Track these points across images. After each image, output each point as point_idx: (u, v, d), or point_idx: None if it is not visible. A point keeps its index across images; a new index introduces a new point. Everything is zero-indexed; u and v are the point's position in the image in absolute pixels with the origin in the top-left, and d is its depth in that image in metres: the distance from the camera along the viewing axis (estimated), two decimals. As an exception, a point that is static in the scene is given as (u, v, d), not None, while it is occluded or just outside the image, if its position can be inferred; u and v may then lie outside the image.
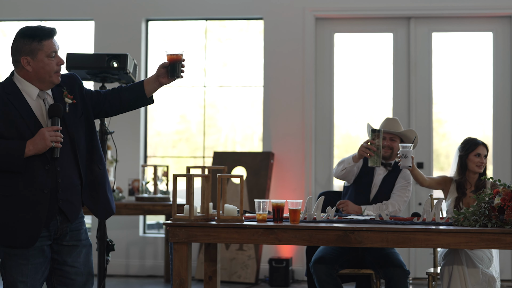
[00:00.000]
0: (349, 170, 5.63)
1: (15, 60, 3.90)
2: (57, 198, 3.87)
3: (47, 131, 3.78)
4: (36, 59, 3.86)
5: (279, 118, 8.40)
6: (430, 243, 4.40)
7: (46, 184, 3.84)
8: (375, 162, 5.29)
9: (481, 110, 8.44)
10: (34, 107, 3.89)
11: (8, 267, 3.84)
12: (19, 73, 3.90)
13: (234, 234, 4.49)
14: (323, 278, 5.23)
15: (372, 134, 5.32)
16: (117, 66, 5.38)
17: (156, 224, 9.14)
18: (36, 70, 3.87)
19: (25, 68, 3.87)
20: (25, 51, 3.85)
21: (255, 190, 8.18)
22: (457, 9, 8.22)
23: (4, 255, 3.85)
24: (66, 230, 3.96)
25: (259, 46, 8.67)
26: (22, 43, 3.86)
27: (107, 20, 8.67)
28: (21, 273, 3.84)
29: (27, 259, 3.84)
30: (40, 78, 3.89)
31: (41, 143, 3.78)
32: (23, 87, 3.89)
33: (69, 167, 3.93)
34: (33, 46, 3.85)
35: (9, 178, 3.81)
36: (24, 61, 3.86)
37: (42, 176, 3.83)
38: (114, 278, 8.36)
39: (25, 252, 3.83)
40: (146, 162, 8.73)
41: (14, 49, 3.89)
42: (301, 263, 8.24)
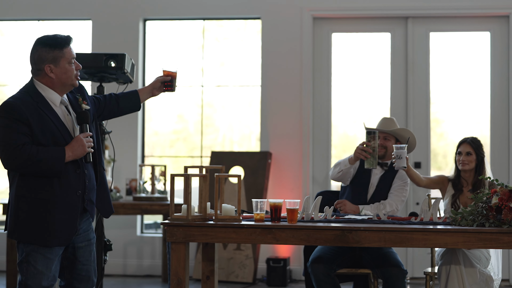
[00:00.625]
0: (346, 172, 5.63)
1: (37, 69, 4.13)
2: (84, 199, 4.21)
3: (84, 137, 4.12)
4: (59, 66, 4.12)
5: (277, 117, 8.39)
6: (427, 243, 4.41)
7: (79, 187, 4.16)
8: (371, 164, 5.29)
9: (478, 109, 8.45)
10: (59, 114, 4.16)
11: (34, 260, 4.08)
12: (42, 80, 4.14)
13: (232, 234, 4.50)
14: (321, 277, 5.23)
15: (367, 136, 5.31)
16: (115, 65, 5.37)
17: (153, 223, 9.14)
18: (59, 77, 4.12)
19: (48, 75, 4.11)
20: (48, 59, 4.10)
21: (253, 190, 8.18)
22: (455, 8, 8.23)
23: (31, 249, 4.08)
24: (81, 230, 4.28)
25: (257, 46, 8.67)
26: (44, 52, 4.12)
27: (104, 20, 8.67)
28: (46, 266, 4.10)
29: (53, 255, 4.12)
30: (63, 83, 4.15)
31: (79, 149, 4.10)
32: (46, 94, 4.13)
33: (90, 169, 4.26)
34: (55, 54, 4.12)
35: (47, 182, 4.07)
36: (48, 69, 4.10)
37: (75, 179, 4.14)
38: (112, 278, 8.36)
39: (53, 249, 4.11)
40: (144, 162, 8.73)
41: (37, 58, 4.13)
42: (299, 262, 8.24)
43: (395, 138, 5.74)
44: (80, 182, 4.16)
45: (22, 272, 4.11)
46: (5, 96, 9.23)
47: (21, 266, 4.12)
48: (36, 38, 4.23)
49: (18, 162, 4.01)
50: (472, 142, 5.53)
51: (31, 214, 4.08)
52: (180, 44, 8.83)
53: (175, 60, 8.82)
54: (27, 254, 4.10)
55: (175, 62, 8.77)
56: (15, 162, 4.02)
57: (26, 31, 8.90)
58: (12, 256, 7.34)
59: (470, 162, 5.50)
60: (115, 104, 4.57)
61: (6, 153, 4.02)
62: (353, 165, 5.58)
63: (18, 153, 3.98)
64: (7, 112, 4.03)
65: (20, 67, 9.01)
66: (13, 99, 4.08)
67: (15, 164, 4.04)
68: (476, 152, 5.51)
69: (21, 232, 4.09)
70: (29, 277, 4.09)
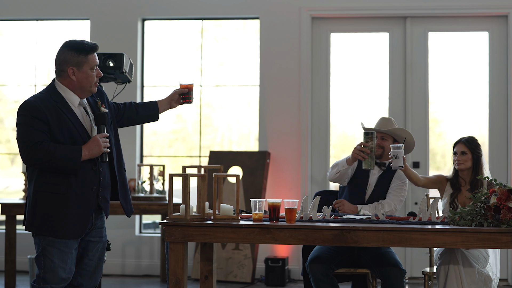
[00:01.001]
0: (343, 173, 5.63)
1: (60, 70, 4.35)
2: (98, 196, 4.40)
3: (100, 137, 4.32)
4: (81, 70, 4.33)
5: (275, 117, 8.39)
6: (426, 243, 4.41)
7: (94, 183, 4.36)
8: (369, 165, 5.26)
9: (477, 109, 8.45)
10: (78, 114, 4.37)
11: (50, 254, 4.27)
12: (63, 82, 4.36)
13: (230, 234, 4.50)
14: (319, 277, 5.23)
15: (365, 137, 5.29)
16: (113, 65, 5.37)
17: (152, 223, 9.14)
18: (80, 80, 4.33)
19: (70, 77, 4.33)
20: (72, 63, 4.31)
21: (251, 190, 8.18)
22: (453, 8, 8.23)
23: (47, 243, 4.27)
24: (95, 226, 4.46)
25: (255, 46, 8.66)
26: (70, 55, 4.32)
27: (103, 20, 8.67)
28: (62, 259, 4.29)
29: (68, 248, 4.30)
30: (82, 87, 4.36)
31: (96, 149, 4.31)
32: (66, 95, 4.35)
33: (106, 168, 4.45)
34: (80, 58, 4.32)
35: (64, 178, 4.27)
36: (70, 71, 4.32)
37: (91, 176, 4.34)
38: (110, 277, 8.35)
39: (68, 242, 4.30)
40: (142, 162, 8.72)
41: (62, 60, 4.34)
42: (297, 262, 8.24)
43: (393, 138, 5.73)
44: (95, 179, 4.36)
45: (39, 266, 4.30)
46: (3, 96, 9.24)
47: (38, 260, 4.31)
48: (65, 41, 4.41)
49: (36, 158, 4.20)
50: (467, 142, 5.52)
51: (48, 207, 4.27)
52: (178, 44, 8.83)
53: (174, 59, 8.81)
54: (43, 248, 4.28)
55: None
56: (34, 158, 4.21)
57: (24, 31, 8.90)
58: (11, 256, 7.35)
59: (466, 162, 5.50)
60: (134, 112, 4.81)
61: (25, 149, 4.22)
62: (351, 166, 5.58)
63: (37, 149, 4.18)
64: (27, 111, 4.24)
65: (18, 67, 9.00)
66: (33, 98, 4.30)
67: (33, 160, 4.23)
68: (472, 151, 5.50)
69: (38, 225, 4.28)
70: (47, 270, 4.28)
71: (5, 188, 10.14)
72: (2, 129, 9.22)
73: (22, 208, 7.29)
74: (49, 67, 9.00)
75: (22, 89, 9.06)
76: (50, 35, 8.91)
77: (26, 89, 8.99)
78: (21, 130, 4.25)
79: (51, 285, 4.29)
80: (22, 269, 8.42)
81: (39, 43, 8.90)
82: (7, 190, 10.18)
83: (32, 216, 4.30)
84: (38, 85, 8.90)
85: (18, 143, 4.28)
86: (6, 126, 9.23)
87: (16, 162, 9.40)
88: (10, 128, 9.18)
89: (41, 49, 8.91)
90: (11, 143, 9.10)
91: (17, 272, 8.20)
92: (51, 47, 8.90)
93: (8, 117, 9.22)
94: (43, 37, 8.90)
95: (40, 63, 8.94)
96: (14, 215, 7.35)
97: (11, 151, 9.19)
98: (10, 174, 9.57)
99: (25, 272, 8.38)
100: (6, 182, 10.01)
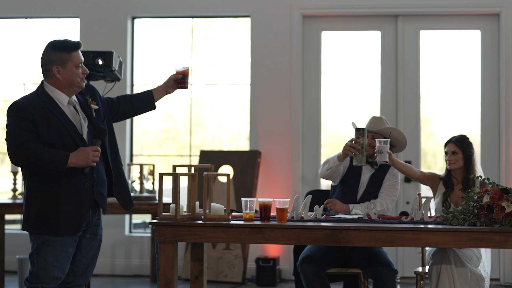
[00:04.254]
0: (335, 169, 5.60)
1: (46, 69, 4.40)
2: (93, 192, 4.40)
3: (92, 151, 4.31)
4: (66, 68, 4.36)
5: (266, 116, 8.36)
6: (418, 242, 4.38)
7: (86, 179, 4.36)
8: (360, 161, 5.28)
9: (468, 108, 8.43)
10: (68, 113, 4.39)
11: (44, 252, 4.29)
12: (50, 82, 4.40)
13: (221, 234, 4.46)
14: (311, 277, 5.21)
15: (356, 133, 5.31)
16: (102, 63, 5.34)
17: (142, 223, 9.09)
18: (66, 78, 4.36)
19: (55, 76, 4.36)
20: (56, 61, 4.35)
21: (242, 189, 8.14)
22: (445, 7, 8.21)
23: (41, 241, 4.30)
24: (92, 223, 4.48)
25: (246, 45, 8.63)
26: (53, 54, 4.36)
27: (92, 18, 8.61)
28: (56, 258, 4.31)
29: (62, 247, 4.32)
30: (70, 84, 4.38)
31: (83, 160, 4.29)
32: (54, 95, 4.38)
33: (100, 164, 4.47)
34: (63, 56, 4.35)
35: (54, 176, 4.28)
36: (55, 70, 4.35)
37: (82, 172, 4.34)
38: (100, 277, 8.31)
39: (62, 240, 4.31)
40: (132, 161, 8.67)
41: (46, 59, 4.39)
42: (288, 262, 8.20)
43: (384, 137, 5.71)
44: (87, 175, 4.36)
45: (32, 263, 4.32)
46: (-8, 95, 9.18)
47: (32, 257, 4.33)
48: (48, 42, 4.45)
49: (22, 158, 4.24)
50: (457, 141, 5.51)
51: (40, 206, 4.30)
52: (169, 43, 8.78)
53: (164, 58, 8.77)
54: (38, 246, 4.31)
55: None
56: (20, 158, 4.24)
57: (13, 29, 8.83)
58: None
59: (457, 161, 5.49)
60: (129, 104, 4.81)
61: (11, 148, 4.26)
62: (342, 162, 5.56)
63: (23, 149, 4.22)
64: (14, 111, 4.29)
65: (8, 65, 8.94)
66: (20, 99, 4.35)
67: (20, 160, 4.26)
68: (463, 151, 5.49)
69: (32, 224, 4.30)
70: (39, 268, 4.30)
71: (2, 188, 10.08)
72: (-9, 128, 9.16)
73: (10, 207, 7.26)
74: (38, 65, 8.92)
75: (11, 88, 8.99)
76: (39, 34, 8.85)
77: (16, 88, 8.93)
78: (9, 130, 4.29)
79: (42, 285, 4.30)
80: (11, 269, 8.37)
81: (28, 41, 8.84)
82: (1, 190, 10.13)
83: (27, 215, 4.33)
84: (27, 84, 8.84)
85: (6, 143, 4.31)
86: (-5, 125, 9.17)
87: (5, 162, 9.34)
88: (0, 127, 9.11)
89: (30, 48, 8.85)
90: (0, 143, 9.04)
91: (6, 272, 8.16)
92: (40, 46, 8.83)
93: (-3, 116, 9.16)
94: (32, 35, 8.83)
95: (29, 61, 8.88)
96: (2, 214, 7.30)
97: (0, 151, 9.12)
98: (-2, 174, 9.53)
99: (13, 272, 8.32)
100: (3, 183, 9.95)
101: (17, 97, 8.77)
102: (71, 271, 4.47)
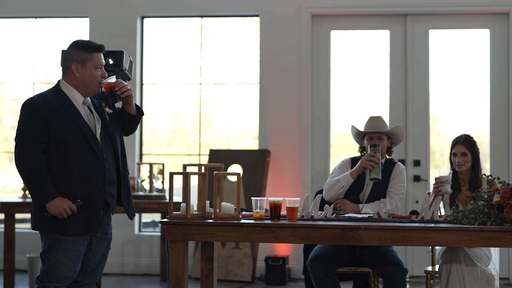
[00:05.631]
0: (346, 187, 5.63)
1: (66, 67, 4.44)
2: (105, 192, 4.42)
3: (67, 205, 4.25)
4: (85, 68, 4.40)
5: (275, 115, 8.36)
6: (429, 241, 4.38)
7: (99, 179, 4.38)
8: (377, 173, 5.49)
9: (476, 107, 8.42)
10: (82, 113, 4.42)
11: (55, 251, 4.31)
12: (67, 80, 4.43)
13: (231, 233, 4.46)
14: (320, 276, 5.20)
15: (372, 149, 5.52)
16: (113, 63, 5.34)
17: (151, 222, 9.10)
18: (83, 77, 4.40)
19: (74, 74, 4.40)
20: (76, 59, 4.40)
21: (251, 188, 8.15)
22: (454, 6, 8.19)
23: (53, 240, 4.31)
24: (103, 222, 4.49)
25: (254, 44, 8.63)
26: (74, 52, 4.41)
27: (102, 18, 8.63)
28: (67, 257, 4.32)
29: (74, 246, 4.34)
30: (86, 85, 4.42)
31: (55, 209, 4.24)
32: (70, 93, 4.41)
33: (111, 165, 4.48)
34: (84, 56, 4.40)
35: (68, 175, 4.31)
36: (74, 68, 4.40)
37: (95, 172, 4.36)
38: (110, 276, 8.32)
39: (74, 240, 4.32)
40: (142, 160, 8.69)
41: (67, 57, 4.43)
42: (298, 261, 8.21)
43: (387, 136, 5.74)
44: (100, 174, 4.38)
45: (44, 262, 4.33)
46: (1, 95, 9.20)
47: (43, 256, 4.34)
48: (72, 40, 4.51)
49: (20, 161, 4.29)
50: (466, 142, 5.48)
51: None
52: (178, 42, 8.79)
53: (173, 58, 8.78)
54: (49, 245, 4.32)
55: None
56: (19, 160, 4.29)
57: (23, 29, 8.85)
58: (9, 255, 7.31)
59: (466, 163, 5.47)
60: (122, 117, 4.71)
61: (17, 148, 4.30)
62: (354, 179, 5.60)
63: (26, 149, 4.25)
64: (27, 108, 4.31)
65: (17, 65, 8.96)
66: (35, 96, 4.37)
67: (17, 162, 4.30)
68: (471, 151, 5.47)
69: (44, 224, 4.32)
70: (51, 267, 4.31)
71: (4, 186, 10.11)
72: (0, 128, 9.18)
73: (21, 207, 7.27)
74: (47, 65, 8.96)
75: (20, 87, 9.02)
76: (48, 33, 8.87)
77: (24, 87, 8.95)
78: (19, 126, 4.33)
79: (53, 284, 4.31)
80: (21, 268, 8.40)
81: (38, 41, 8.86)
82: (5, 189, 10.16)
83: (38, 215, 4.33)
84: (36, 83, 8.86)
85: (14, 139, 4.36)
86: (4, 124, 9.19)
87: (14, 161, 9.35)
88: (8, 126, 9.14)
89: (39, 47, 8.87)
90: (9, 142, 9.07)
91: (16, 271, 8.18)
92: (49, 45, 8.86)
93: (6, 116, 9.18)
94: (42, 35, 8.86)
95: (38, 61, 8.90)
96: (13, 213, 7.31)
97: (9, 150, 9.15)
98: (8, 173, 9.54)
99: (24, 271, 8.35)
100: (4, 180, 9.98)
101: (26, 97, 8.83)
102: (81, 270, 4.49)
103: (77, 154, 4.32)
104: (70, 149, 4.31)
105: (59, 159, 4.30)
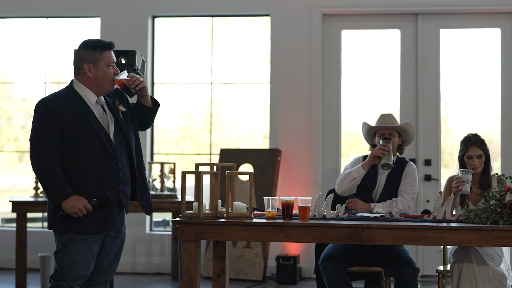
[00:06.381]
0: (358, 180, 5.63)
1: (78, 67, 4.45)
2: (118, 191, 4.43)
3: (82, 205, 4.27)
4: (97, 67, 4.41)
5: (286, 114, 8.37)
6: (441, 241, 4.38)
7: (112, 178, 4.39)
8: (388, 159, 5.52)
9: (486, 106, 8.40)
10: (95, 112, 4.43)
11: (69, 250, 4.33)
12: (80, 80, 4.45)
13: (244, 232, 4.47)
14: (332, 275, 5.21)
15: (384, 140, 5.59)
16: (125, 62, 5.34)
17: (162, 221, 9.12)
18: (96, 77, 4.42)
19: (86, 74, 4.42)
20: (88, 59, 4.41)
21: (262, 188, 8.16)
22: (465, 5, 8.18)
23: (67, 239, 4.33)
24: (116, 222, 4.51)
25: (263, 43, 8.64)
26: (85, 52, 4.42)
27: (113, 17, 8.65)
28: (81, 256, 4.34)
29: (88, 245, 4.36)
30: (99, 84, 4.44)
31: (70, 208, 4.26)
32: (83, 93, 4.43)
33: (125, 164, 4.48)
34: (95, 55, 4.41)
35: (81, 175, 4.33)
36: (87, 68, 4.41)
37: (108, 171, 4.38)
38: (121, 275, 8.34)
39: (88, 239, 4.34)
40: (153, 159, 8.71)
41: (79, 57, 4.44)
42: (309, 260, 8.21)
43: (398, 133, 5.75)
44: (113, 173, 4.39)
45: (58, 261, 4.36)
46: (11, 94, 9.23)
47: (57, 255, 4.37)
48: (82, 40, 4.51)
49: (35, 161, 4.29)
50: (480, 143, 5.45)
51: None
52: (188, 42, 8.80)
53: (184, 57, 8.79)
54: (63, 244, 4.35)
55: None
56: (34, 160, 4.30)
57: (34, 29, 8.89)
58: (22, 254, 7.33)
59: (481, 164, 5.46)
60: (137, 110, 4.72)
61: (32, 149, 4.31)
62: (366, 170, 5.60)
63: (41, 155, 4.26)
64: (40, 108, 4.33)
65: (27, 64, 8.99)
66: (48, 96, 4.39)
67: (33, 162, 4.31)
68: (484, 152, 5.46)
69: (58, 223, 4.34)
70: (65, 266, 4.33)
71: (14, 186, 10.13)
72: (10, 127, 9.21)
73: (33, 206, 7.29)
74: (58, 65, 8.99)
75: (30, 87, 9.05)
76: (59, 33, 8.89)
77: (34, 87, 8.98)
78: (33, 127, 4.35)
79: (67, 282, 4.33)
80: (33, 267, 8.43)
81: (49, 41, 8.89)
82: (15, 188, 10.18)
83: (53, 215, 4.35)
84: (47, 83, 8.88)
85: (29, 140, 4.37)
86: (14, 124, 9.22)
87: (24, 160, 9.39)
88: (18, 126, 9.17)
89: (50, 47, 8.90)
90: (19, 141, 9.10)
91: (28, 270, 8.21)
92: (60, 45, 8.89)
93: (16, 115, 9.21)
94: (53, 35, 8.88)
95: (49, 61, 8.92)
96: (25, 213, 7.33)
97: (19, 149, 9.18)
98: (18, 172, 9.57)
99: (36, 270, 8.38)
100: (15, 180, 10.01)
101: (36, 96, 8.86)
102: (95, 269, 4.50)
103: (90, 153, 4.34)
104: (83, 148, 4.32)
105: (72, 158, 4.32)
